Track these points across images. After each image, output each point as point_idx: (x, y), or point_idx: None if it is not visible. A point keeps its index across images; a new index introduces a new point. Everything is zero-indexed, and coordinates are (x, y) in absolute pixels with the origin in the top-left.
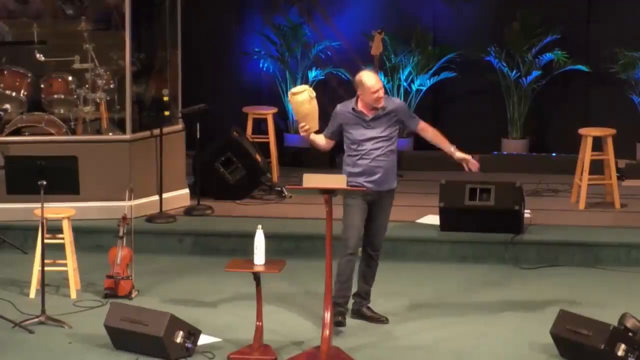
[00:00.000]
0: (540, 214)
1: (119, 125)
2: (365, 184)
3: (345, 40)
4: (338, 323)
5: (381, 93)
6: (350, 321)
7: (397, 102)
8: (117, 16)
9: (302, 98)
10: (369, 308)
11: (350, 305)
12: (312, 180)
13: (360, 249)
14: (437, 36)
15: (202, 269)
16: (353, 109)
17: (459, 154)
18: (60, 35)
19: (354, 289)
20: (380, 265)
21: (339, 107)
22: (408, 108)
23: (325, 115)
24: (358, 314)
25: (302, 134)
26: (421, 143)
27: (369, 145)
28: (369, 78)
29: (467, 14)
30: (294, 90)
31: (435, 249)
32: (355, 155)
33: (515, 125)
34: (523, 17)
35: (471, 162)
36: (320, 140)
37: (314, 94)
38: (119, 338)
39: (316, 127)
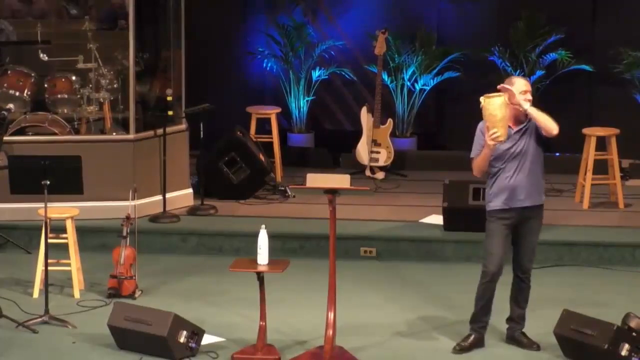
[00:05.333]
0: (545, 213)
1: (123, 125)
2: (507, 204)
3: (349, 40)
4: (459, 347)
5: (529, 96)
6: (350, 319)
7: None
8: (121, 16)
9: (500, 101)
10: (523, 334)
11: (505, 330)
12: (316, 180)
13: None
14: (441, 36)
15: (206, 269)
16: None
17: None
18: (64, 35)
19: (507, 314)
20: (383, 265)
21: (482, 124)
22: None
23: (327, 114)
24: (512, 339)
25: (489, 142)
26: (424, 143)
27: (513, 161)
28: (519, 79)
29: (471, 13)
30: (488, 94)
31: (438, 249)
32: (497, 172)
33: None
34: (527, 16)
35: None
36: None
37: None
38: (123, 338)
39: (505, 136)
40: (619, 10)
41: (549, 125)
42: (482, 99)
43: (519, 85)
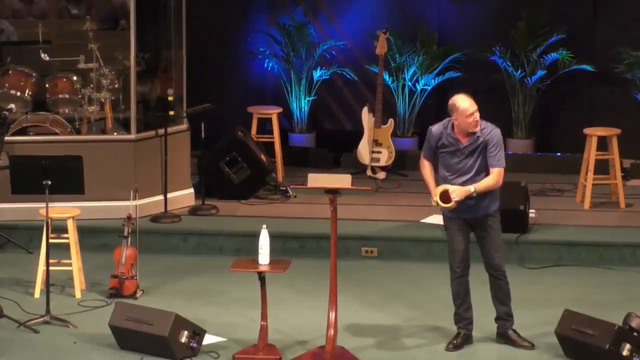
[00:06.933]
0: (545, 213)
1: (124, 125)
2: (453, 214)
3: (350, 40)
4: (452, 345)
5: (477, 116)
6: (351, 319)
7: (492, 131)
8: (122, 16)
9: (450, 206)
10: (514, 331)
11: (495, 329)
12: (317, 180)
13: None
14: (442, 36)
15: (207, 269)
16: (449, 134)
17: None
18: (65, 35)
19: (494, 314)
20: (384, 265)
21: (434, 128)
22: (500, 142)
23: (328, 114)
24: (504, 337)
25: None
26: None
27: (463, 176)
28: (462, 101)
29: (472, 13)
30: (442, 199)
31: (439, 249)
32: (448, 178)
33: (520, 125)
34: (528, 16)
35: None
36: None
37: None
38: (124, 338)
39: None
40: (619, 10)
41: (495, 186)
42: (437, 199)
43: (465, 108)
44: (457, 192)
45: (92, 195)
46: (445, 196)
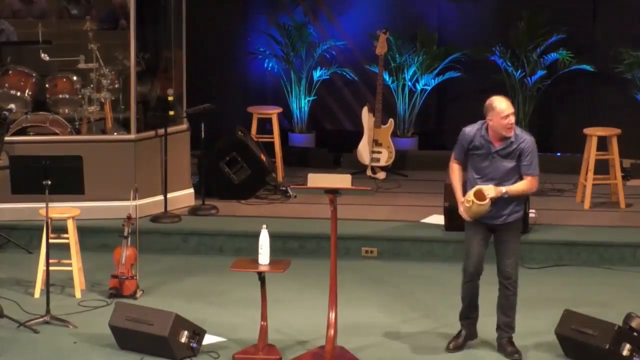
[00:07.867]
0: (545, 213)
1: (124, 125)
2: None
3: (350, 40)
4: (452, 345)
5: (512, 119)
6: (351, 319)
7: (527, 140)
8: (122, 16)
9: (486, 208)
10: (509, 342)
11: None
12: (317, 180)
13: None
14: (442, 36)
15: (207, 269)
16: (482, 136)
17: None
18: (65, 35)
19: (495, 322)
20: (384, 265)
21: (468, 129)
22: (534, 151)
23: (328, 114)
24: (499, 346)
25: (460, 211)
26: (426, 143)
27: (491, 181)
28: (499, 102)
29: (472, 13)
30: (478, 197)
31: (440, 249)
32: (475, 181)
33: (520, 125)
34: (528, 16)
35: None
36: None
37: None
38: (124, 338)
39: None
40: (619, 10)
41: (527, 192)
42: (472, 197)
43: (501, 109)
44: (491, 189)
45: (92, 195)
46: (479, 194)
